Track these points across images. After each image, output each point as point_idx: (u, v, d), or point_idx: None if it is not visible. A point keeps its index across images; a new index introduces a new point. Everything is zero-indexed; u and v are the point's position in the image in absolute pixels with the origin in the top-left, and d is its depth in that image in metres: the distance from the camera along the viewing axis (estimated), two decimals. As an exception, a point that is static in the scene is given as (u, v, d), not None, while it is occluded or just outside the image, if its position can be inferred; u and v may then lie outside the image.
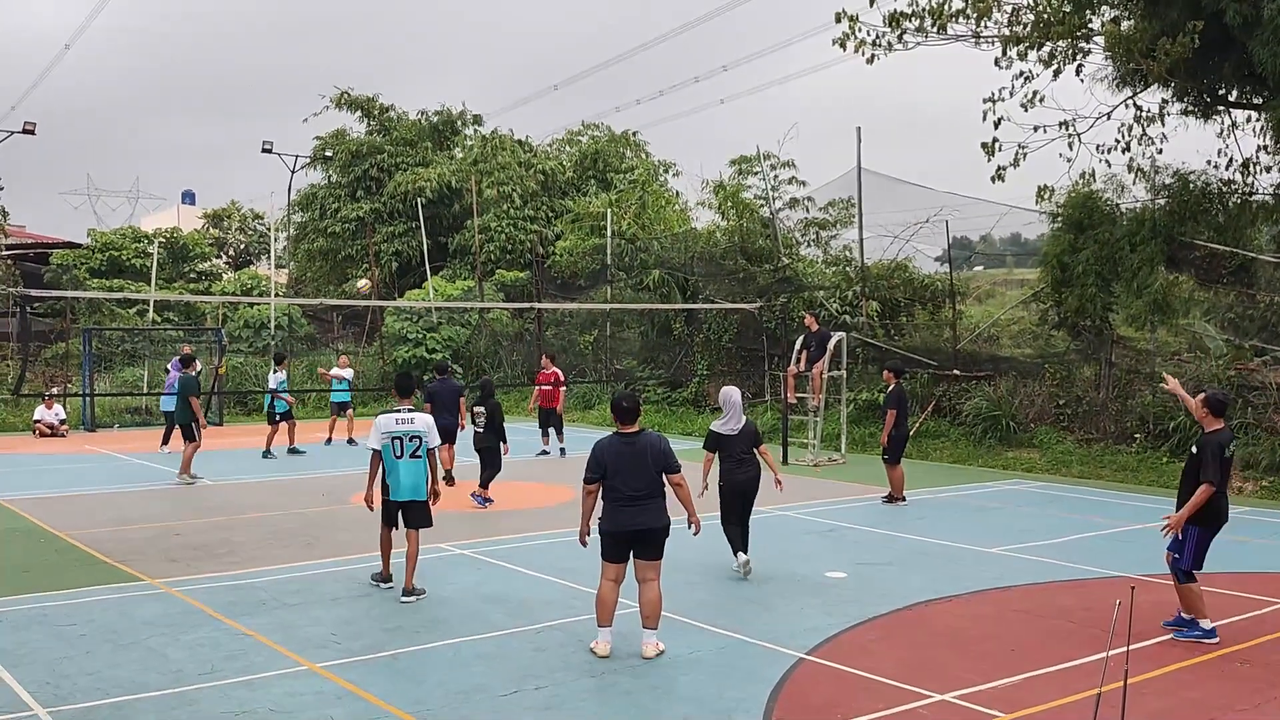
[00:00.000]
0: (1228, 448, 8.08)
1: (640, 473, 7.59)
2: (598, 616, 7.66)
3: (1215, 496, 7.92)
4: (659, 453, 7.68)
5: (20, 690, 6.75)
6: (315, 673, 7.13)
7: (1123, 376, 18.55)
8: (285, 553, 11.10)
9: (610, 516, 7.64)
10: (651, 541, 7.65)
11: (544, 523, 12.88)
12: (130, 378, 28.48)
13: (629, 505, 7.57)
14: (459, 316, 31.21)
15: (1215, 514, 8.01)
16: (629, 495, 7.57)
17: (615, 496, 7.61)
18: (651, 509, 7.61)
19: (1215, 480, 7.86)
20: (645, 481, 7.60)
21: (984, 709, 6.44)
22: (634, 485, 7.57)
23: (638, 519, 7.58)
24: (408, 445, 9.16)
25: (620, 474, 7.58)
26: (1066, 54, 16.38)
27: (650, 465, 7.62)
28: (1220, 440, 8.04)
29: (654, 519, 7.61)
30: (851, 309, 23.07)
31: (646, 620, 7.64)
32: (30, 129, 26.12)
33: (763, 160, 26.57)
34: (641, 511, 7.58)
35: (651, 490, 7.62)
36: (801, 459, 18.46)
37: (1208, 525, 8.00)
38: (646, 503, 7.59)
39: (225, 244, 48.39)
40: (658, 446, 7.72)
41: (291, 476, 17.03)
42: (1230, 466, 8.30)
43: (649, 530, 7.61)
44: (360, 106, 39.76)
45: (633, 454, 7.63)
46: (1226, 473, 8.12)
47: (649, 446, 7.69)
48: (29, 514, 13.41)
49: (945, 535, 11.96)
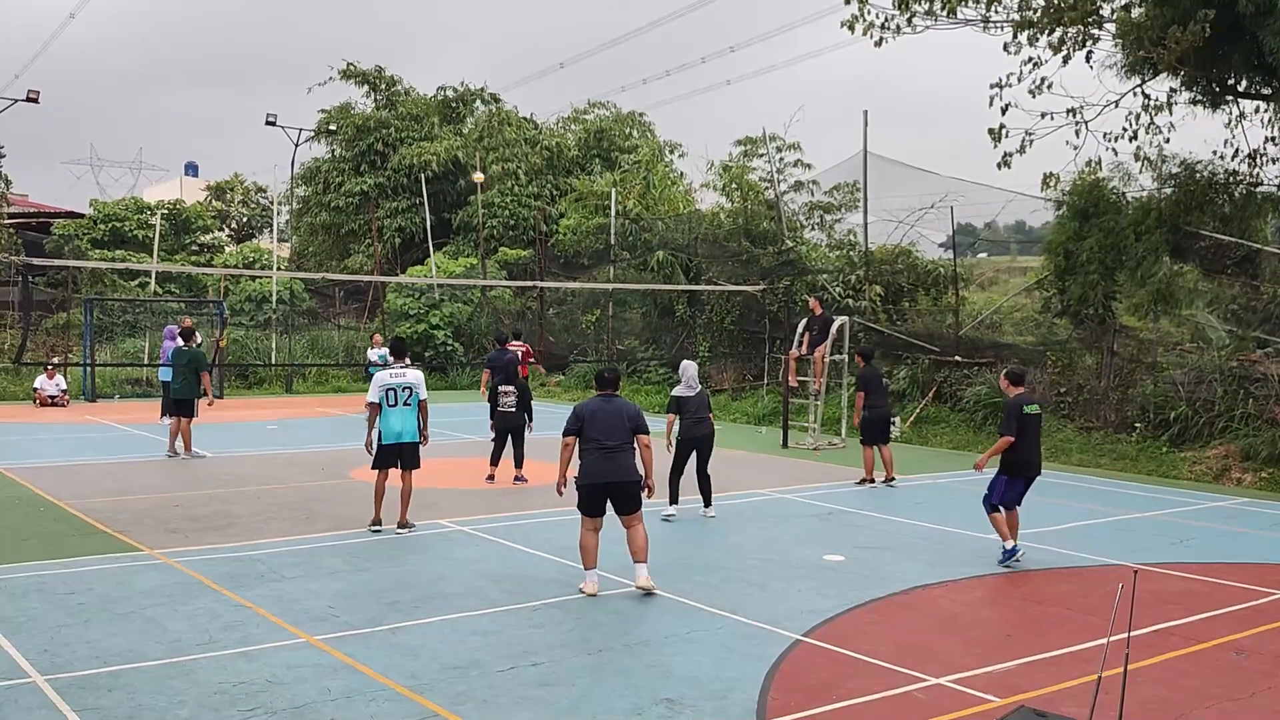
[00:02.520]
0: (1024, 408, 9.82)
1: (616, 427, 8.50)
2: (583, 561, 8.55)
3: (1017, 449, 9.74)
4: (633, 413, 8.68)
5: (19, 657, 6.77)
6: (313, 645, 7.15)
7: (1124, 366, 18.52)
8: (284, 525, 11.12)
9: (586, 470, 8.51)
10: (626, 494, 8.55)
11: (543, 501, 12.88)
12: (131, 349, 28.50)
13: (605, 456, 8.44)
14: (461, 294, 31.18)
15: (1018, 464, 9.78)
16: (606, 446, 8.44)
17: (594, 446, 8.48)
18: (624, 462, 8.50)
19: (1011, 434, 9.70)
20: (620, 436, 8.50)
21: (979, 693, 6.45)
22: (610, 437, 8.46)
23: (612, 471, 8.45)
24: (400, 395, 10.72)
25: (597, 425, 8.50)
26: (1077, 40, 16.26)
27: (625, 423, 8.55)
28: (1019, 402, 9.89)
29: (626, 473, 8.50)
30: (854, 293, 23.03)
31: (636, 555, 8.58)
32: (34, 97, 26.03)
33: (768, 142, 26.48)
34: (615, 464, 8.46)
35: (624, 444, 8.52)
36: (801, 443, 18.48)
37: (1011, 473, 9.81)
38: (619, 455, 8.48)
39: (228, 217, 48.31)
40: (632, 408, 8.74)
41: (292, 450, 17.05)
42: (1032, 425, 9.89)
43: (621, 483, 8.50)
44: (367, 80, 39.58)
45: (610, 410, 8.59)
46: (1029, 430, 9.83)
47: (624, 407, 8.69)
48: (29, 482, 13.43)
49: (943, 520, 11.97)
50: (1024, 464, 9.84)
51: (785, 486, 14.18)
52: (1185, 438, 16.64)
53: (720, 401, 23.96)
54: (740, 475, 14.89)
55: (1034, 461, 9.96)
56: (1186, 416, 16.67)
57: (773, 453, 17.81)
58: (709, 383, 25.06)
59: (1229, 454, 15.87)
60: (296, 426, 20.37)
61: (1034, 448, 9.95)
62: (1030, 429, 9.88)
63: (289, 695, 6.20)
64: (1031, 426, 9.91)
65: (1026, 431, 9.82)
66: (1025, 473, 9.88)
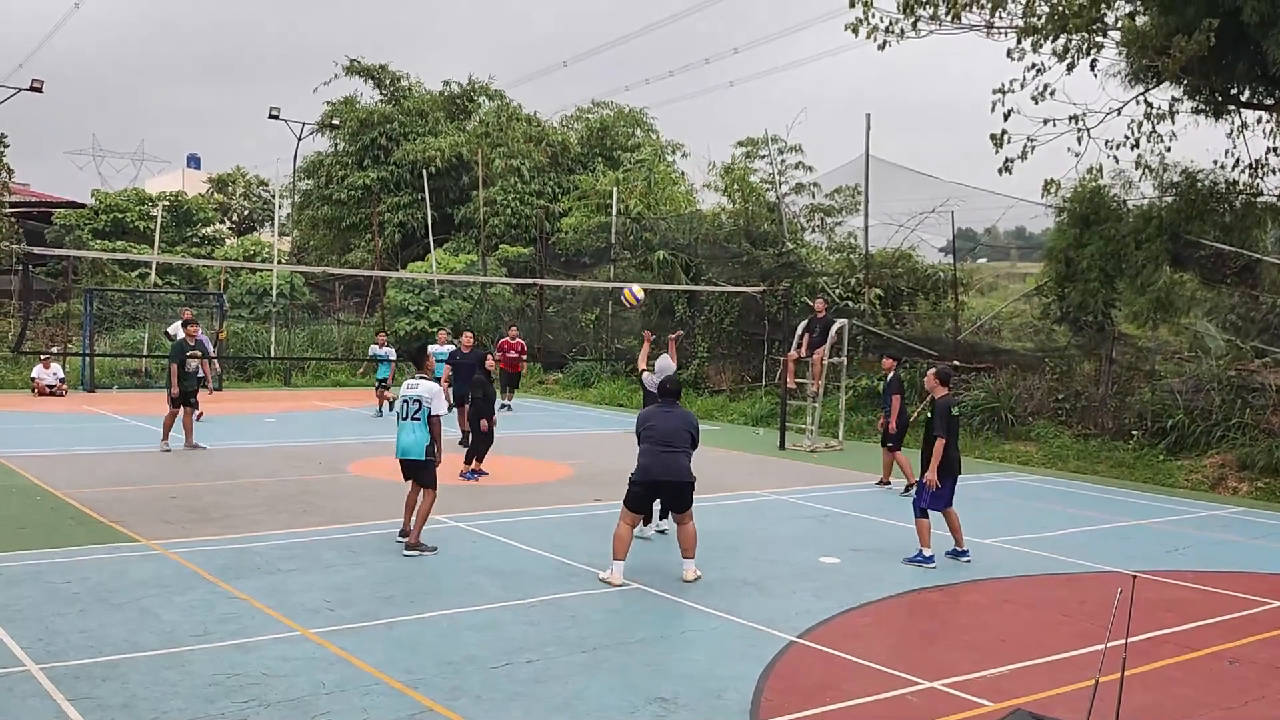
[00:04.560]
0: (953, 409, 10.14)
1: (676, 430, 8.98)
2: (614, 551, 8.87)
3: (947, 449, 9.97)
4: (692, 422, 9.20)
5: (14, 646, 6.77)
6: (308, 638, 7.15)
7: (1122, 373, 18.54)
8: (281, 519, 11.12)
9: (643, 468, 8.94)
10: (678, 494, 8.99)
11: (540, 499, 12.90)
12: (130, 340, 28.49)
13: (663, 453, 8.88)
14: (461, 290, 31.17)
15: (946, 463, 10.00)
16: (664, 441, 8.90)
17: (653, 440, 8.95)
18: (679, 464, 8.93)
19: (943, 434, 9.92)
20: (679, 438, 8.96)
21: (973, 697, 6.46)
22: (669, 436, 8.93)
23: (668, 470, 8.87)
24: (409, 408, 9.93)
25: (659, 430, 8.98)
26: (1081, 48, 16.29)
27: (683, 428, 9.02)
28: (947, 404, 10.13)
29: (681, 473, 8.92)
30: (854, 296, 23.04)
31: (685, 551, 9.03)
32: (37, 87, 26.04)
33: (770, 144, 26.49)
34: (672, 462, 8.88)
35: (680, 445, 8.96)
36: (799, 444, 18.49)
37: (945, 474, 10.01)
38: (676, 457, 8.91)
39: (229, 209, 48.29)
40: (691, 418, 9.25)
41: (290, 444, 17.06)
42: (957, 425, 10.27)
43: (675, 484, 8.93)
44: (371, 75, 39.56)
45: (670, 415, 9.12)
46: (956, 431, 10.14)
47: (685, 415, 9.24)
48: (26, 471, 13.43)
49: (939, 524, 11.96)
50: (953, 464, 10.12)
51: (782, 488, 14.19)
52: (1182, 446, 16.65)
53: (719, 402, 23.99)
54: (737, 476, 14.91)
55: (958, 460, 10.28)
56: (1184, 425, 16.68)
57: (770, 454, 17.82)
58: (707, 383, 25.11)
59: (1225, 463, 15.89)
60: (295, 420, 20.38)
61: (957, 448, 10.27)
62: (957, 430, 10.24)
63: (283, 688, 6.21)
64: (958, 427, 10.33)
65: (954, 432, 10.15)
66: (953, 471, 10.13)
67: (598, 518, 11.49)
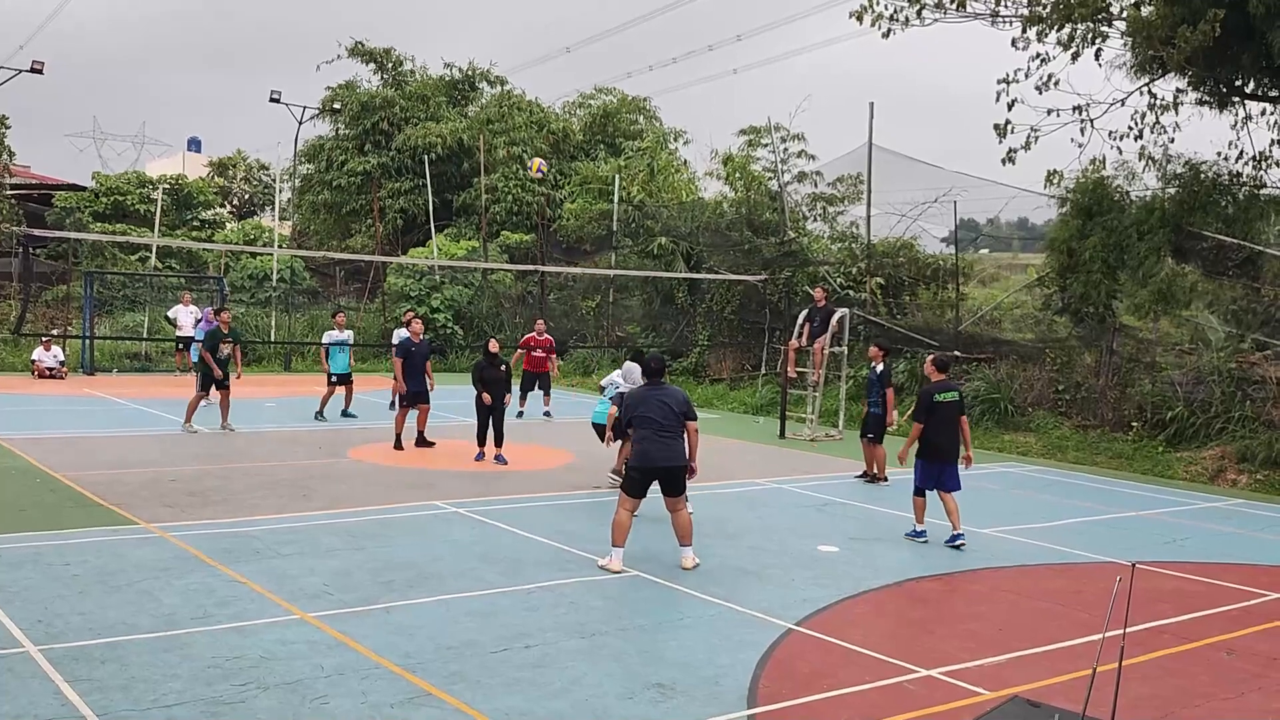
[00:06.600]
0: (937, 395, 10.34)
1: (667, 412, 8.87)
2: (613, 538, 8.83)
3: (927, 434, 10.28)
4: (682, 399, 9.05)
5: (12, 627, 6.78)
6: (307, 622, 7.16)
7: (1123, 365, 18.54)
8: (281, 503, 11.13)
9: (641, 454, 8.90)
10: (673, 479, 8.89)
11: (540, 485, 12.91)
12: (130, 323, 28.47)
13: (659, 437, 8.81)
14: (462, 276, 31.12)
15: (926, 448, 10.35)
16: (660, 426, 8.82)
17: (648, 426, 8.86)
18: (676, 447, 8.88)
19: (922, 420, 10.27)
20: (672, 420, 8.87)
21: (970, 686, 6.47)
22: (663, 420, 8.83)
23: (666, 455, 8.82)
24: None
25: (651, 412, 8.87)
26: (1085, 37, 16.22)
27: (674, 408, 8.91)
28: (933, 389, 10.41)
29: (677, 457, 8.89)
30: (855, 285, 23.02)
31: (681, 539, 9.01)
32: (38, 68, 25.93)
33: (773, 132, 26.41)
34: (668, 448, 8.83)
35: (676, 429, 8.89)
36: (799, 434, 18.49)
37: (922, 457, 10.41)
38: (672, 440, 8.86)
39: (230, 193, 48.16)
40: (680, 395, 9.11)
41: (291, 428, 17.06)
42: (946, 412, 10.39)
43: (670, 468, 8.86)
44: (374, 58, 39.41)
45: (660, 396, 8.99)
46: (941, 417, 10.33)
47: (673, 393, 9.10)
48: (25, 453, 13.44)
49: (938, 514, 11.97)
50: (933, 448, 10.37)
51: (781, 477, 14.20)
52: (1182, 438, 16.66)
53: (719, 391, 23.99)
54: (736, 465, 14.92)
55: (943, 446, 10.42)
56: (1184, 417, 16.69)
57: (770, 443, 17.82)
58: (708, 372, 25.11)
59: (1225, 455, 15.90)
60: (295, 405, 20.37)
61: (945, 433, 10.42)
62: (943, 415, 10.38)
63: (282, 671, 6.22)
64: (945, 413, 10.41)
65: (937, 417, 10.33)
66: (935, 456, 10.39)
67: (598, 504, 11.50)
